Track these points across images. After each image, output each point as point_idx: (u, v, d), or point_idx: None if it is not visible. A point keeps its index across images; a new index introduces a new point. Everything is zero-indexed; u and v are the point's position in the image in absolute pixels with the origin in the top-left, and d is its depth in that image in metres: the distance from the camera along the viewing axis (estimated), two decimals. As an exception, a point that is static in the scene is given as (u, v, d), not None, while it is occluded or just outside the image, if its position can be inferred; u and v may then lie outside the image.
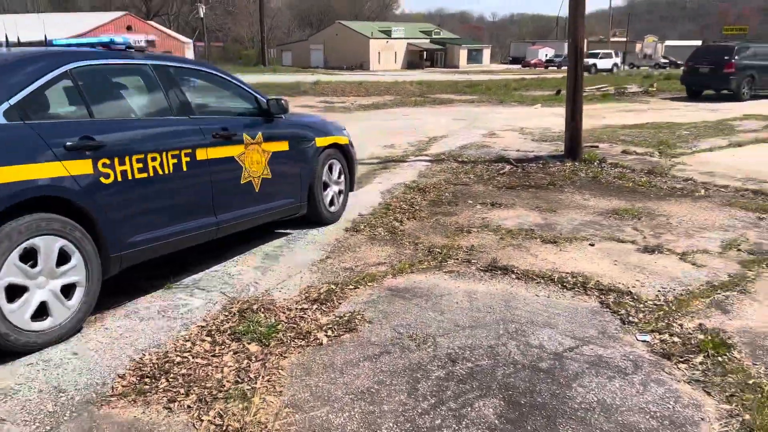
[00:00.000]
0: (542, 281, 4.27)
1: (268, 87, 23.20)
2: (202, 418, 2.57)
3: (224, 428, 2.51)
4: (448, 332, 3.46)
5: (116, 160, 3.41)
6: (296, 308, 3.74)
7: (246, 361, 3.06)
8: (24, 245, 2.97)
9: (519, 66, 67.00)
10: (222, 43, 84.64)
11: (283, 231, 5.34)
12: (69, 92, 3.45)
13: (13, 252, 2.92)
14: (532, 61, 66.38)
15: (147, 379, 2.85)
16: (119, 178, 3.43)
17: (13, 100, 3.07)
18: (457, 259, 4.73)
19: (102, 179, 3.33)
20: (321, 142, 5.26)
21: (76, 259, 3.23)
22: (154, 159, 3.65)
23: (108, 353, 3.09)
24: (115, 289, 3.94)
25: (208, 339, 3.30)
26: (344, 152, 5.68)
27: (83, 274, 3.27)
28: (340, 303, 3.86)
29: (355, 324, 3.54)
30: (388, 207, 6.19)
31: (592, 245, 5.02)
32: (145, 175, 3.59)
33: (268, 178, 4.65)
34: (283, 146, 4.82)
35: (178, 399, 2.70)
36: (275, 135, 4.73)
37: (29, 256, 3.02)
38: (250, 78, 29.71)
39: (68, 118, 3.39)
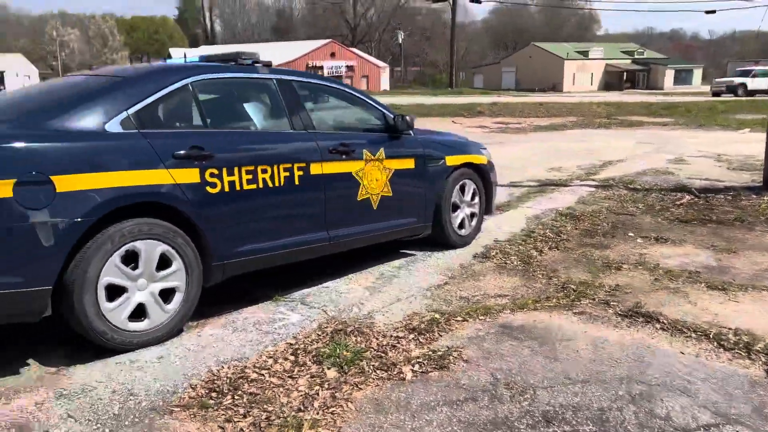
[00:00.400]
0: (694, 336, 3.55)
1: (444, 107, 23.38)
2: (246, 446, 2.43)
3: (266, 459, 2.35)
4: (554, 385, 2.98)
5: (225, 170, 3.46)
6: (391, 335, 3.49)
7: (317, 388, 2.87)
8: (126, 247, 3.10)
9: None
10: (419, 68, 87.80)
11: (406, 252, 5.12)
12: (187, 104, 3.58)
13: (115, 253, 3.05)
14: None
15: (214, 394, 2.79)
16: (226, 189, 3.47)
17: (131, 110, 3.24)
18: (594, 299, 4.14)
19: (208, 188, 3.39)
20: (452, 160, 4.98)
21: (177, 264, 3.31)
22: (264, 171, 3.66)
23: (190, 361, 3.10)
24: (224, 296, 4.02)
25: (291, 358, 3.17)
26: (481, 173, 5.33)
27: (183, 280, 3.34)
28: (440, 335, 3.53)
29: (449, 361, 3.19)
30: (530, 234, 5.69)
31: (771, 298, 4.12)
32: (254, 186, 3.61)
33: (388, 196, 4.48)
34: (407, 164, 4.62)
35: (235, 419, 2.59)
36: (399, 152, 4.56)
37: (131, 259, 3.15)
38: (430, 99, 30.32)
39: (182, 129, 3.52)
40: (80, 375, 2.94)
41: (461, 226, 5.21)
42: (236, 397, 2.76)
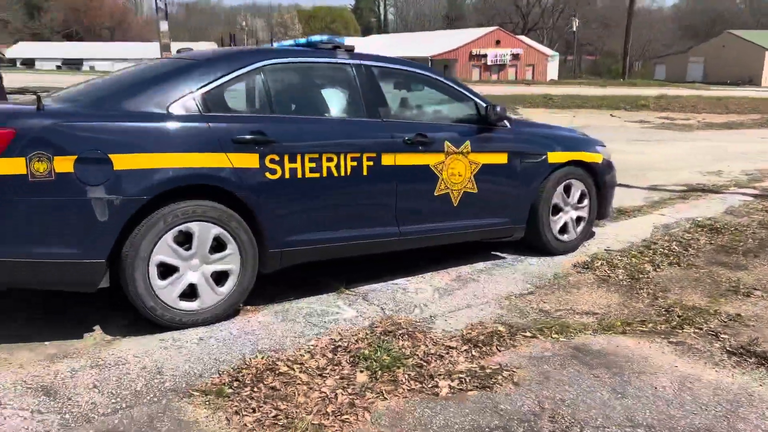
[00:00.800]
0: None
1: (603, 99, 21.79)
2: (244, 442, 2.34)
3: (255, 461, 2.25)
4: (608, 426, 2.55)
5: (286, 157, 3.40)
6: (443, 344, 3.22)
7: (339, 391, 2.72)
8: (179, 228, 3.15)
9: None
10: (595, 57, 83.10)
11: (497, 254, 4.75)
12: (256, 88, 3.56)
13: (168, 233, 3.12)
14: None
15: (236, 383, 2.75)
16: (287, 176, 3.41)
17: (197, 93, 3.28)
18: (702, 328, 3.54)
19: (268, 174, 3.35)
20: (555, 157, 4.51)
21: (232, 248, 3.32)
22: (330, 160, 3.54)
23: (227, 347, 3.09)
24: (289, 284, 4.00)
25: (329, 355, 3.05)
26: (592, 172, 4.79)
27: (237, 263, 3.35)
28: (499, 350, 3.20)
29: (496, 381, 2.87)
30: (651, 245, 5.03)
31: None
32: (317, 175, 3.51)
33: (473, 193, 4.16)
34: (498, 159, 4.26)
35: (243, 413, 2.52)
36: (489, 146, 4.21)
37: (185, 239, 3.20)
38: (591, 91, 28.36)
39: (247, 113, 3.51)
40: (124, 347, 3.06)
41: (563, 230, 4.73)
42: (255, 390, 2.70)
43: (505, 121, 4.36)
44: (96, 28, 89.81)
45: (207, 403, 2.60)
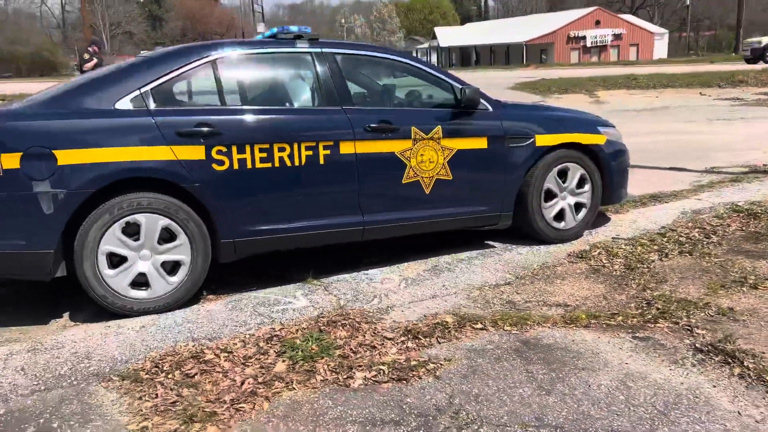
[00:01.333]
0: None
1: (695, 77, 20.18)
2: (129, 426, 2.40)
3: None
4: (510, 425, 2.39)
5: (234, 148, 3.44)
6: (383, 335, 3.14)
7: (251, 380, 2.73)
8: (126, 219, 3.27)
9: None
10: (714, 32, 77.31)
11: (489, 243, 4.55)
12: (206, 80, 3.61)
13: (115, 224, 3.25)
14: None
15: (156, 369, 2.82)
16: (236, 167, 3.45)
17: (144, 89, 3.39)
18: (677, 323, 3.22)
19: (215, 166, 3.41)
20: (545, 140, 4.24)
21: (181, 239, 3.40)
22: (281, 150, 3.54)
23: (164, 334, 3.17)
24: (263, 273, 4.05)
25: (261, 345, 3.05)
26: (593, 155, 4.46)
27: (188, 254, 3.43)
28: (439, 342, 3.08)
29: (416, 374, 2.76)
30: (667, 233, 4.62)
31: None
32: (268, 165, 3.52)
33: (447, 180, 4.00)
34: (476, 143, 4.06)
35: (145, 398, 2.59)
36: (465, 130, 4.03)
37: (134, 230, 3.33)
38: (687, 68, 26.35)
39: (195, 106, 3.58)
40: (69, 333, 3.23)
41: (559, 218, 4.45)
42: (168, 377, 2.76)
43: (487, 104, 4.15)
44: (208, 34, 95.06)
45: (119, 387, 2.70)
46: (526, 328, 3.23)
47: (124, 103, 3.34)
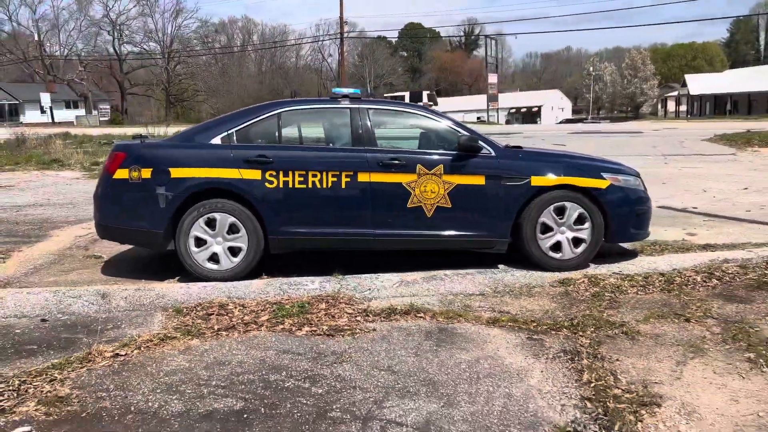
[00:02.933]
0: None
1: None
2: (157, 332, 3.97)
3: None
4: (374, 368, 3.45)
5: (281, 172, 4.96)
6: (346, 311, 4.32)
7: (239, 321, 4.13)
8: (207, 216, 4.96)
9: None
10: None
11: (496, 265, 5.35)
12: (272, 126, 5.18)
13: (200, 218, 4.96)
14: None
15: (194, 308, 4.36)
16: (281, 185, 4.96)
17: (230, 131, 5.10)
18: (575, 332, 3.88)
19: (267, 184, 4.96)
20: (541, 181, 5.02)
21: (242, 232, 4.99)
22: (314, 176, 4.97)
23: (213, 292, 4.72)
24: (312, 268, 5.44)
25: (266, 305, 4.44)
26: (592, 197, 5.07)
27: (245, 243, 5.00)
28: (381, 320, 4.17)
29: (343, 334, 3.92)
30: (668, 274, 4.97)
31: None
32: (304, 186, 4.97)
33: (446, 207, 5.02)
34: (475, 180, 5.02)
35: (175, 321, 4.15)
36: (465, 168, 5.02)
37: (212, 223, 5.00)
38: None
39: (258, 143, 5.15)
40: (167, 284, 4.98)
41: (557, 249, 5.12)
42: (196, 313, 4.29)
43: (489, 148, 5.10)
44: (458, 84, 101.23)
45: (168, 315, 4.30)
46: (455, 321, 4.16)
47: (216, 140, 5.08)
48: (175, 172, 4.96)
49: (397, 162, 5.02)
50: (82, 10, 74.68)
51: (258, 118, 5.19)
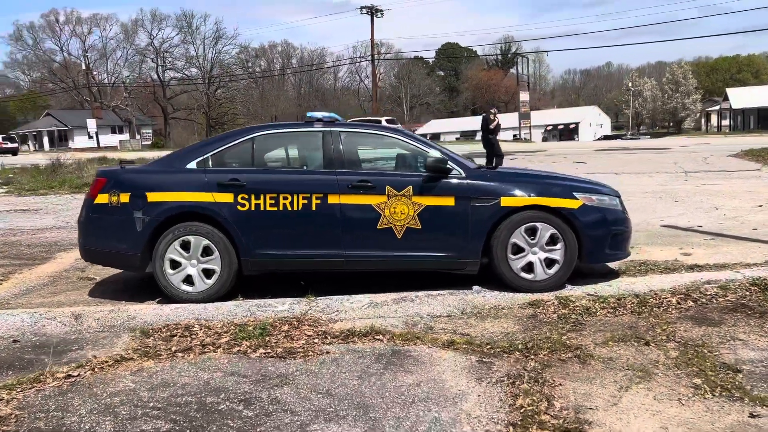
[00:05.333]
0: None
1: None
2: (117, 353, 4.07)
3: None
4: (313, 391, 3.47)
5: (252, 195, 5.05)
6: (307, 333, 4.35)
7: (197, 343, 4.21)
8: (182, 238, 5.09)
9: None
10: None
11: (470, 285, 5.31)
12: (245, 151, 5.29)
13: (176, 241, 5.08)
14: None
15: (159, 330, 4.47)
16: (252, 208, 5.05)
17: (205, 156, 5.23)
18: (526, 356, 3.82)
19: (239, 207, 5.05)
20: (511, 201, 4.99)
21: (215, 254, 5.09)
22: (285, 198, 5.04)
23: (183, 313, 4.81)
24: (290, 288, 5.48)
25: (230, 327, 4.50)
26: (564, 217, 5.01)
27: (219, 265, 5.09)
28: (339, 342, 4.18)
29: (295, 356, 3.95)
30: (643, 295, 4.85)
31: None
32: (275, 208, 5.05)
33: (416, 228, 5.02)
34: (444, 201, 5.02)
35: (137, 342, 4.26)
36: (434, 189, 5.02)
37: (187, 246, 5.12)
38: None
39: (231, 167, 5.25)
40: (142, 306, 5.10)
41: (529, 270, 5.06)
42: (160, 335, 4.39)
43: (460, 169, 5.10)
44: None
45: (133, 336, 4.41)
46: (412, 343, 4.14)
47: (193, 165, 5.22)
48: (152, 197, 5.11)
49: (366, 184, 5.06)
50: (129, 39, 77.82)
51: (233, 143, 5.31)
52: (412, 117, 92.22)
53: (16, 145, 50.67)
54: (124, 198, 5.14)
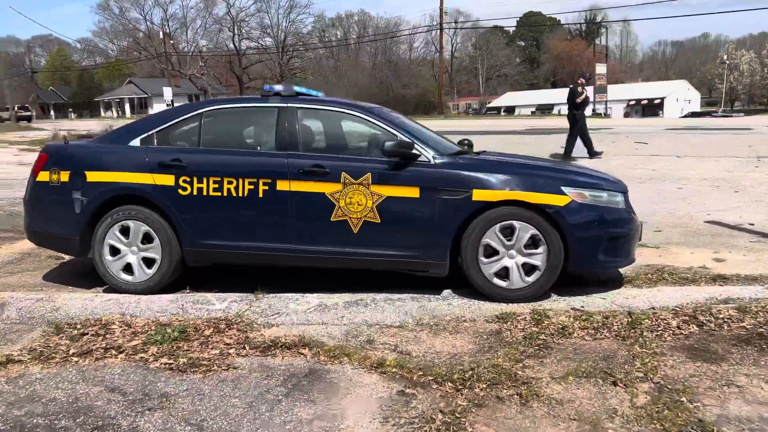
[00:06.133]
0: None
1: None
2: (27, 345, 3.68)
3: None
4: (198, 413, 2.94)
5: (195, 178, 4.51)
6: (225, 341, 3.81)
7: (107, 343, 3.75)
8: (121, 223, 4.62)
9: None
10: None
11: (437, 290, 4.60)
12: (193, 128, 4.72)
13: (114, 226, 4.62)
14: None
15: (76, 324, 4.05)
16: (194, 193, 4.51)
17: (150, 132, 4.71)
18: (469, 388, 3.13)
19: (180, 191, 4.53)
20: (484, 195, 4.20)
21: (156, 242, 4.60)
22: (230, 183, 4.47)
23: (109, 306, 4.36)
24: (239, 282, 4.96)
25: (151, 326, 4.02)
26: (549, 216, 4.18)
27: (159, 254, 4.61)
28: (257, 355, 3.63)
29: (199, 368, 3.43)
30: (639, 316, 4.00)
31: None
32: (219, 194, 4.49)
33: (375, 222, 4.34)
34: (407, 192, 4.29)
35: (49, 339, 3.84)
36: (396, 179, 4.30)
37: (127, 232, 4.65)
38: None
39: (175, 146, 4.70)
40: (76, 295, 4.70)
41: (504, 276, 4.29)
42: (75, 331, 3.96)
43: (428, 155, 4.35)
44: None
45: (45, 330, 4.00)
46: (337, 361, 3.53)
47: (136, 142, 4.72)
48: (91, 176, 4.66)
49: (320, 170, 4.40)
50: (207, 8, 79.13)
51: (180, 119, 4.77)
52: (488, 89, 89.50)
53: (30, 113, 57.88)
54: (64, 177, 4.72)
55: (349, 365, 3.47)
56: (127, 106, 73.05)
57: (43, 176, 4.79)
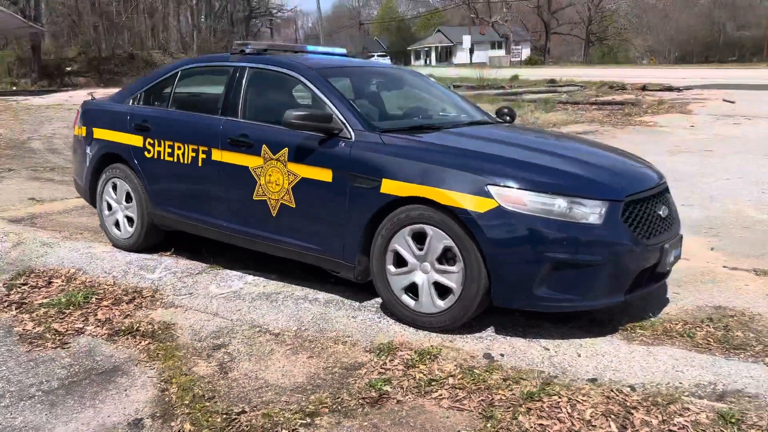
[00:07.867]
0: None
1: None
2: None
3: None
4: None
5: (156, 141, 4.36)
6: (110, 315, 3.68)
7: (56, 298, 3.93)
8: (112, 180, 4.74)
9: None
10: None
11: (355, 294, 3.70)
12: (168, 88, 4.50)
13: (108, 183, 4.76)
14: None
15: (31, 276, 4.33)
16: (155, 156, 4.38)
17: (140, 91, 4.69)
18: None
19: (145, 153, 4.44)
20: (392, 187, 3.21)
21: (134, 202, 4.62)
22: (179, 148, 4.22)
23: (73, 259, 4.55)
24: (203, 254, 4.70)
25: (74, 284, 4.11)
26: (463, 224, 2.99)
27: (136, 214, 4.62)
28: (105, 340, 3.43)
29: (58, 342, 3.39)
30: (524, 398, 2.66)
31: None
32: (171, 159, 4.28)
33: (290, 207, 3.67)
34: (320, 174, 3.50)
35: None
36: (310, 157, 3.54)
37: (116, 189, 4.75)
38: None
39: (149, 107, 4.54)
40: (82, 242, 5.02)
41: (412, 292, 3.24)
42: (29, 278, 4.25)
43: (349, 129, 3.46)
44: None
45: (8, 279, 4.35)
46: (157, 362, 3.15)
47: (129, 101, 4.76)
48: (96, 133, 4.87)
49: (245, 140, 3.86)
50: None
51: (161, 78, 4.64)
52: None
53: None
54: (83, 132, 5.03)
55: (153, 372, 3.03)
56: (433, 55, 76.55)
57: (76, 130, 5.17)
